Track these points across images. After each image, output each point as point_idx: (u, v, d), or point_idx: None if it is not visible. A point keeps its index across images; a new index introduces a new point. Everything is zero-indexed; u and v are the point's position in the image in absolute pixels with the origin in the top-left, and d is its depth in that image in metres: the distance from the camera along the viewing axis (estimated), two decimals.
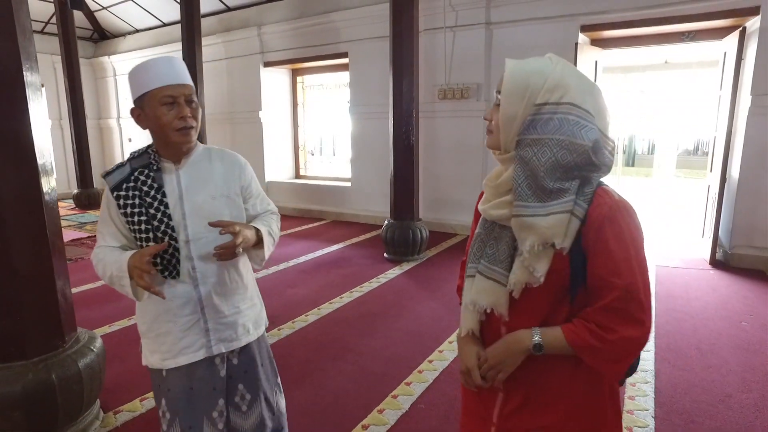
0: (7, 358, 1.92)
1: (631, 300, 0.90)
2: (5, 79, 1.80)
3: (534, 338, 0.96)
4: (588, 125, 0.93)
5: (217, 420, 1.45)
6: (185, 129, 1.29)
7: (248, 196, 1.49)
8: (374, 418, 2.24)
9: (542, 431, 1.01)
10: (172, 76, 1.28)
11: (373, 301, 3.80)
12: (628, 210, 0.94)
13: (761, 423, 2.18)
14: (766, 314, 3.43)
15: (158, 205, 1.33)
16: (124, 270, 1.26)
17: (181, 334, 1.39)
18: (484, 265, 1.02)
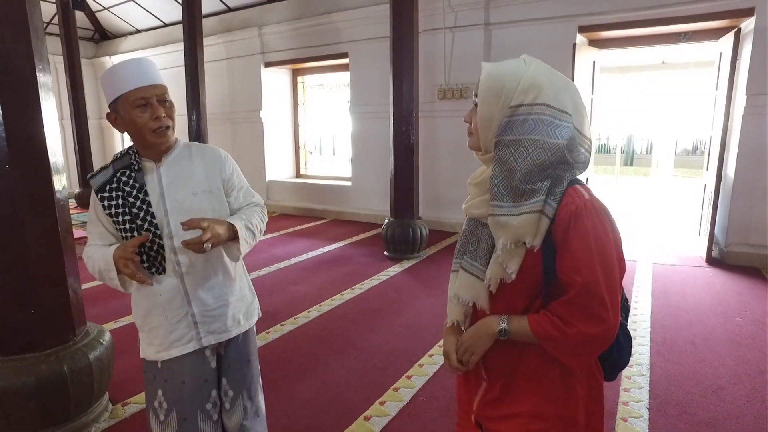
0: (21, 351, 1.98)
1: (590, 297, 0.92)
2: (20, 80, 1.86)
3: (500, 324, 1.01)
4: (562, 124, 0.95)
5: (211, 412, 1.47)
6: (161, 129, 1.32)
7: (230, 189, 1.50)
8: (376, 410, 2.30)
9: (516, 417, 1.04)
10: (143, 78, 1.29)
11: (374, 298, 3.86)
12: (597, 210, 0.96)
13: (752, 413, 2.24)
14: (760, 310, 3.49)
15: (140, 203, 1.36)
16: (111, 263, 1.30)
17: (171, 327, 1.42)
18: (467, 261, 1.07)
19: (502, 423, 1.06)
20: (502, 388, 1.06)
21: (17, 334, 1.98)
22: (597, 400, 1.07)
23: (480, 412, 1.10)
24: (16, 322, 1.98)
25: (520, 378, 1.05)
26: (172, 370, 1.44)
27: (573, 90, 0.99)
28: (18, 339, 1.98)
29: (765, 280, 4.16)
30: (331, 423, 2.21)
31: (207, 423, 1.47)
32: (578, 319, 0.93)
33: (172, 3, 8.19)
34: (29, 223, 1.96)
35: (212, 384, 1.48)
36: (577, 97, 0.99)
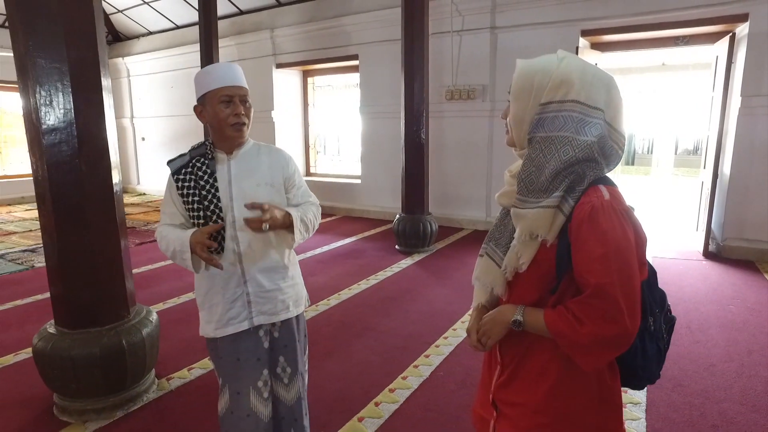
0: (86, 325, 2.22)
1: (603, 298, 0.90)
2: (89, 85, 2.09)
3: (516, 315, 1.01)
4: (593, 121, 0.95)
5: (262, 389, 1.57)
6: (238, 125, 1.48)
7: (290, 186, 1.62)
8: (398, 384, 2.54)
9: (522, 407, 1.05)
10: (231, 79, 1.48)
11: (389, 288, 4.10)
12: (616, 211, 0.93)
13: (739, 386, 2.47)
14: (752, 299, 3.72)
15: (210, 188, 1.50)
16: (186, 245, 1.44)
17: (228, 306, 1.54)
18: (491, 247, 1.10)
19: (510, 408, 1.09)
20: (510, 374, 1.09)
21: (83, 310, 2.22)
22: (611, 403, 1.04)
23: (495, 393, 1.13)
24: (81, 299, 2.22)
25: (526, 370, 1.06)
26: (227, 348, 1.56)
27: (608, 84, 0.98)
28: (83, 315, 2.23)
29: (759, 272, 4.39)
30: (359, 394, 2.44)
31: (258, 399, 1.57)
32: (591, 319, 0.91)
33: (185, 5, 8.43)
34: (93, 212, 2.19)
35: (264, 363, 1.59)
36: (613, 92, 0.98)
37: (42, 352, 2.18)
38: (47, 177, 2.09)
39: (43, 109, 2.02)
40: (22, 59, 2.00)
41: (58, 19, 1.98)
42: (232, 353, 1.56)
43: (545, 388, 1.02)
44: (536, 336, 1.02)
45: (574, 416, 1.01)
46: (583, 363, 0.96)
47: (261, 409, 1.57)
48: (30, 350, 2.92)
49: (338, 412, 2.28)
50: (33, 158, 2.13)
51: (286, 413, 1.64)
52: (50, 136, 2.05)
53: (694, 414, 2.24)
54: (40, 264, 4.87)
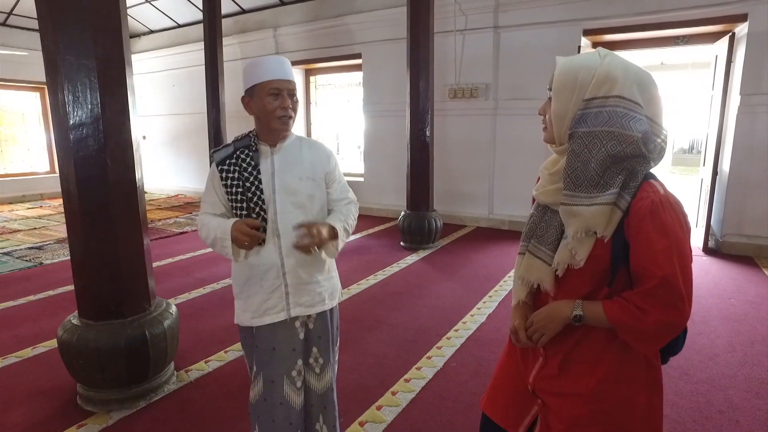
0: (110, 317, 2.27)
1: (669, 288, 0.95)
2: (115, 81, 2.14)
3: (576, 310, 1.03)
4: (637, 116, 0.97)
5: (296, 379, 1.60)
6: (285, 118, 1.50)
7: (331, 181, 1.65)
8: (413, 374, 2.60)
9: (577, 397, 1.07)
10: (280, 72, 1.49)
11: (397, 283, 4.16)
12: (672, 204, 0.98)
13: (743, 374, 2.56)
14: (752, 293, 3.81)
15: (253, 180, 1.52)
16: (228, 233, 1.47)
17: (266, 296, 1.56)
18: (534, 244, 1.11)
19: (562, 399, 1.10)
20: (560, 366, 1.10)
21: (107, 302, 2.27)
22: (657, 382, 1.10)
23: (537, 384, 1.14)
24: (106, 291, 2.27)
25: (578, 360, 1.09)
26: (264, 337, 1.58)
27: (647, 81, 1.00)
28: (107, 307, 2.28)
29: (758, 267, 4.48)
30: (375, 384, 2.50)
31: (291, 388, 1.59)
32: (657, 309, 0.95)
33: (187, 4, 8.46)
34: (118, 207, 2.25)
35: (299, 354, 1.60)
36: (653, 88, 1.01)
37: (68, 344, 2.23)
38: (74, 171, 2.14)
39: (71, 105, 2.07)
40: (52, 57, 2.05)
41: (86, 18, 2.03)
42: (269, 342, 1.58)
43: (600, 376, 1.05)
44: (587, 327, 1.05)
45: (627, 400, 1.05)
46: (645, 349, 1.01)
47: (293, 398, 1.60)
48: (48, 343, 3.00)
49: (357, 401, 2.34)
50: (60, 153, 2.19)
51: (316, 401, 1.67)
52: (77, 131, 2.10)
53: (700, 401, 2.32)
54: (48, 261, 4.91)
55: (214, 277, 4.35)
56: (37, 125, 9.84)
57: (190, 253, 5.23)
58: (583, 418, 1.07)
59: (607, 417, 1.06)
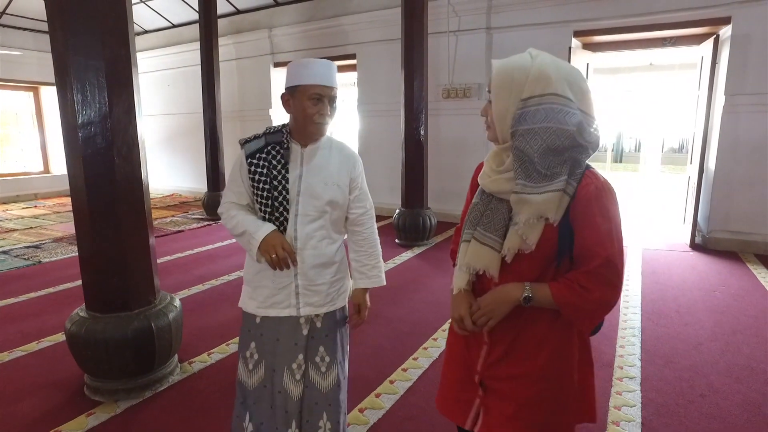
0: (117, 309, 2.34)
1: (610, 268, 1.04)
2: (122, 81, 2.21)
3: (525, 291, 1.08)
4: (571, 111, 1.03)
5: (295, 371, 1.60)
6: (321, 123, 1.50)
7: (354, 188, 1.64)
8: (410, 364, 2.70)
9: (524, 378, 1.13)
10: (326, 78, 1.48)
11: (393, 278, 4.25)
12: (611, 191, 1.07)
13: (724, 362, 2.68)
14: (736, 286, 3.95)
15: (281, 178, 1.52)
16: (260, 237, 1.49)
17: (276, 291, 1.57)
18: (480, 232, 1.13)
19: (510, 382, 1.14)
20: (505, 350, 1.14)
21: (114, 295, 2.34)
22: (588, 358, 1.19)
23: (484, 372, 1.17)
24: (112, 285, 2.34)
25: (524, 342, 1.13)
26: (269, 327, 1.60)
27: (577, 76, 1.07)
28: (114, 299, 2.35)
29: (742, 262, 4.63)
30: (375, 374, 2.60)
31: (290, 379, 1.60)
32: (598, 286, 1.04)
33: (182, 5, 8.49)
34: (124, 204, 2.32)
35: (301, 349, 1.61)
36: (582, 82, 1.07)
37: (76, 335, 2.30)
38: (82, 169, 2.21)
39: (80, 104, 2.14)
40: (62, 58, 2.12)
41: (95, 20, 2.10)
42: (273, 333, 1.61)
43: (545, 357, 1.11)
44: (531, 310, 1.10)
45: (567, 377, 1.13)
46: (585, 326, 1.10)
47: (292, 388, 1.61)
48: (52, 338, 3.06)
49: (357, 389, 2.43)
50: (68, 152, 2.25)
51: (321, 399, 1.65)
52: (86, 130, 2.17)
53: (683, 386, 2.44)
54: (46, 259, 4.95)
55: (212, 274, 4.42)
56: (31, 125, 9.83)
57: (188, 251, 5.29)
58: (531, 398, 1.12)
59: (552, 394, 1.13)
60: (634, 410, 2.22)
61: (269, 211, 1.54)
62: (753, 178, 4.87)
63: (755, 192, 4.88)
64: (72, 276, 4.38)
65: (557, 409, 1.13)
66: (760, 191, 4.85)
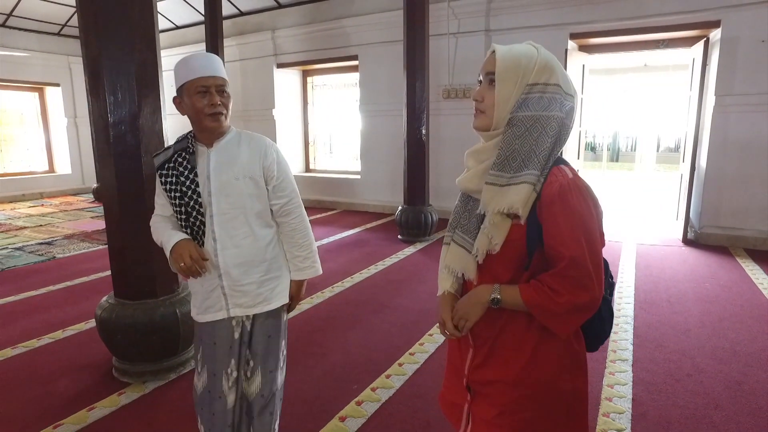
0: (144, 297, 2.51)
1: (578, 268, 0.98)
2: (150, 83, 2.39)
3: (493, 293, 1.06)
4: (568, 104, 1.05)
5: (229, 376, 1.60)
6: (215, 114, 1.46)
7: (269, 178, 1.57)
8: (417, 348, 2.87)
9: (501, 383, 1.10)
10: (207, 69, 1.45)
11: (396, 272, 4.43)
12: (579, 188, 1.02)
13: (710, 346, 2.87)
14: (725, 278, 4.14)
15: (190, 183, 1.50)
16: (169, 247, 1.51)
17: (206, 295, 1.58)
18: (459, 234, 1.13)
19: (487, 387, 1.13)
20: (486, 354, 1.13)
21: (141, 283, 2.51)
22: (579, 366, 1.13)
23: (470, 377, 1.16)
24: (139, 274, 2.51)
25: (502, 346, 1.11)
26: (207, 332, 1.61)
27: (559, 63, 1.08)
28: (141, 287, 2.51)
29: (732, 256, 4.82)
30: (383, 358, 2.77)
31: (228, 383, 1.60)
32: (567, 289, 0.99)
33: (184, 6, 8.64)
34: (149, 197, 2.46)
35: (234, 353, 1.60)
36: (571, 84, 1.09)
37: (106, 321, 2.47)
38: (113, 165, 2.37)
39: (112, 105, 2.30)
40: (95, 62, 2.28)
41: (127, 27, 2.27)
42: (211, 337, 1.60)
43: (522, 362, 1.08)
44: (510, 313, 1.08)
45: (550, 384, 1.08)
46: (559, 330, 1.04)
47: (227, 394, 1.61)
48: (76, 327, 3.23)
49: (368, 372, 2.60)
50: (99, 150, 2.42)
51: (247, 408, 1.66)
52: (117, 129, 2.34)
53: (672, 367, 2.62)
54: (60, 255, 5.10)
55: None
56: (36, 125, 9.97)
57: None
58: (510, 404, 1.10)
59: (532, 402, 1.09)
60: (626, 388, 2.40)
61: (185, 218, 1.53)
62: (742, 176, 5.06)
63: (744, 189, 5.07)
64: (86, 270, 4.55)
65: (541, 419, 1.10)
66: (750, 188, 5.05)
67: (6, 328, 3.23)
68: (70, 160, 10.10)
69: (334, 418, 2.17)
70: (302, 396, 2.36)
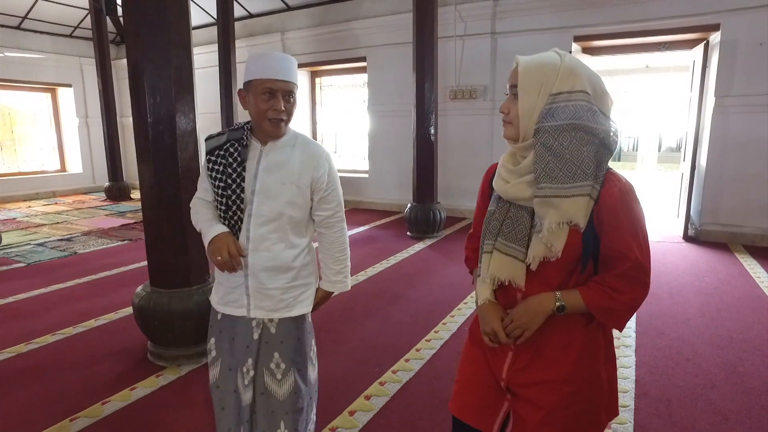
0: (179, 285, 2.68)
1: (640, 269, 1.04)
2: (184, 85, 2.55)
3: (558, 301, 1.07)
4: (597, 111, 1.02)
5: (245, 374, 1.55)
6: (276, 120, 1.42)
7: (317, 189, 1.53)
8: (433, 336, 3.05)
9: (552, 383, 1.11)
10: (278, 72, 1.39)
11: (408, 266, 4.61)
12: (633, 191, 1.05)
13: (708, 333, 3.04)
14: (724, 272, 4.30)
15: (236, 176, 1.46)
16: (208, 238, 1.47)
17: (230, 289, 1.54)
18: (501, 242, 1.11)
19: (537, 388, 1.12)
20: (531, 357, 1.13)
21: (177, 272, 2.68)
22: (612, 355, 1.18)
23: (511, 379, 1.16)
24: (176, 263, 2.68)
25: (547, 347, 1.12)
26: (226, 325, 1.57)
27: (598, 79, 1.06)
28: (177, 277, 2.69)
29: (731, 252, 4.98)
30: (401, 344, 2.94)
31: (242, 380, 1.57)
32: (630, 288, 1.04)
33: (195, 8, 8.80)
34: (186, 192, 2.65)
35: (252, 352, 1.55)
36: (603, 85, 1.06)
37: (144, 308, 2.64)
38: (153, 161, 2.55)
39: (152, 106, 2.48)
40: (137, 67, 2.46)
41: (165, 33, 2.44)
42: (230, 332, 1.58)
43: (572, 359, 1.10)
44: (555, 316, 1.09)
45: (594, 377, 1.12)
46: (619, 326, 1.10)
47: (242, 391, 1.58)
48: (107, 316, 3.41)
49: (388, 356, 2.77)
50: (139, 147, 2.59)
51: (278, 407, 1.59)
52: (156, 128, 2.51)
53: (672, 352, 2.79)
54: (81, 251, 5.28)
55: None
56: (48, 125, 10.16)
57: None
58: (560, 402, 1.11)
59: (580, 397, 1.12)
60: (629, 370, 2.57)
61: (224, 210, 1.50)
62: (741, 175, 5.22)
63: (743, 187, 5.24)
64: (108, 265, 4.73)
65: (588, 410, 1.13)
66: (748, 186, 5.21)
67: (43, 317, 3.41)
68: (81, 160, 10.29)
69: (360, 397, 2.35)
70: (330, 377, 2.53)
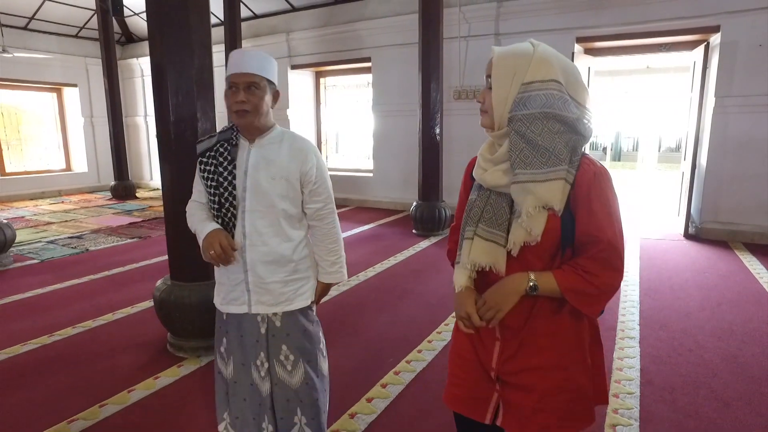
0: (199, 279, 2.77)
1: (613, 251, 1.05)
2: (205, 85, 2.65)
3: (530, 282, 1.07)
4: (569, 99, 1.04)
5: (260, 367, 1.61)
6: (240, 112, 1.45)
7: (307, 182, 1.57)
8: (443, 328, 3.15)
9: (541, 369, 1.13)
10: (238, 66, 1.44)
11: (415, 262, 4.70)
12: (607, 176, 1.08)
13: (709, 326, 3.14)
14: (724, 269, 4.40)
15: (227, 175, 1.51)
16: (202, 236, 1.53)
17: (231, 288, 1.58)
18: (482, 228, 1.11)
19: (525, 375, 1.14)
20: (519, 345, 1.15)
21: (196, 267, 2.77)
22: (598, 341, 1.21)
23: (501, 368, 1.17)
24: (195, 259, 2.75)
25: (534, 334, 1.13)
26: (233, 324, 1.63)
27: (573, 67, 1.08)
28: (194, 271, 2.78)
29: (731, 249, 5.08)
30: (413, 336, 3.04)
31: (257, 375, 1.62)
32: (602, 270, 1.05)
33: None
34: None
35: (262, 346, 1.61)
36: (578, 75, 1.08)
37: (165, 300, 2.73)
38: (175, 159, 2.64)
39: (175, 105, 2.57)
40: (160, 67, 2.55)
41: (188, 35, 2.53)
42: (237, 330, 1.62)
43: (559, 346, 1.13)
44: (537, 302, 1.11)
45: (582, 361, 1.15)
46: (592, 312, 1.10)
47: (260, 383, 1.64)
48: (125, 310, 3.51)
49: (400, 348, 2.87)
50: (162, 145, 2.68)
51: (292, 395, 1.65)
52: (178, 126, 2.61)
53: (675, 343, 2.89)
54: (92, 248, 5.37)
55: None
56: (54, 125, 10.24)
57: None
58: (552, 387, 1.13)
59: (570, 382, 1.14)
60: (634, 360, 2.67)
61: (217, 208, 1.54)
62: (741, 174, 5.32)
63: (743, 186, 5.34)
64: (120, 262, 4.82)
65: (577, 395, 1.15)
66: (747, 185, 5.31)
67: (62, 311, 3.50)
68: (87, 159, 10.37)
69: (376, 386, 2.44)
70: (345, 368, 2.63)
